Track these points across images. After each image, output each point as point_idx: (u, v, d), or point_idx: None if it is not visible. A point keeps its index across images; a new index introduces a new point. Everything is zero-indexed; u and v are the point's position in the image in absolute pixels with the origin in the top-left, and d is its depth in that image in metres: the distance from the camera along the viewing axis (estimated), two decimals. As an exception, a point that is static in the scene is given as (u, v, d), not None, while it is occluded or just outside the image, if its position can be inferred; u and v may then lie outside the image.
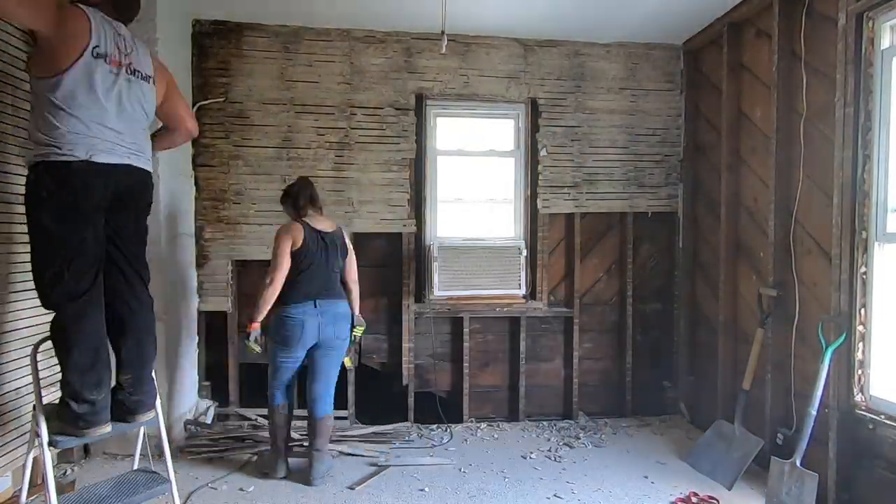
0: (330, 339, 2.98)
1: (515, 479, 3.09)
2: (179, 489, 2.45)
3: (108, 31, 2.10)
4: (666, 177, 4.13)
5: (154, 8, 3.13)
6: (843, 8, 2.61)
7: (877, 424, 2.47)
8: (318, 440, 2.98)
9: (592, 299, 4.13)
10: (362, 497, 2.85)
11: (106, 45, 2.08)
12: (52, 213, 2.01)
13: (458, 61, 3.91)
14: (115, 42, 2.12)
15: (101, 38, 2.06)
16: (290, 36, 3.77)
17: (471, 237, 3.98)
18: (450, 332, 4.02)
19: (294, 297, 2.90)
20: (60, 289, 2.03)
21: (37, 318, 2.50)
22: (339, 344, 3.04)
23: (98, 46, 2.04)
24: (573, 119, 4.02)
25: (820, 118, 2.84)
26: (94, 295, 2.10)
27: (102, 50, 2.06)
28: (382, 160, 3.87)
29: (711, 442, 3.27)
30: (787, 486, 2.64)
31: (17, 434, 2.42)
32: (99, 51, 2.05)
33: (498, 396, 4.08)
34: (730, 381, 3.47)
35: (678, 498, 2.86)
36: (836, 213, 2.65)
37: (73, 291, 2.04)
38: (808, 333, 2.89)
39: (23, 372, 2.43)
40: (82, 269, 2.05)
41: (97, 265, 2.11)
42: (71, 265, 2.02)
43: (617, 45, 4.04)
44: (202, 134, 3.69)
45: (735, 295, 3.52)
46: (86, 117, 2.03)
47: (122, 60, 2.14)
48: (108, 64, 2.09)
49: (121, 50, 2.15)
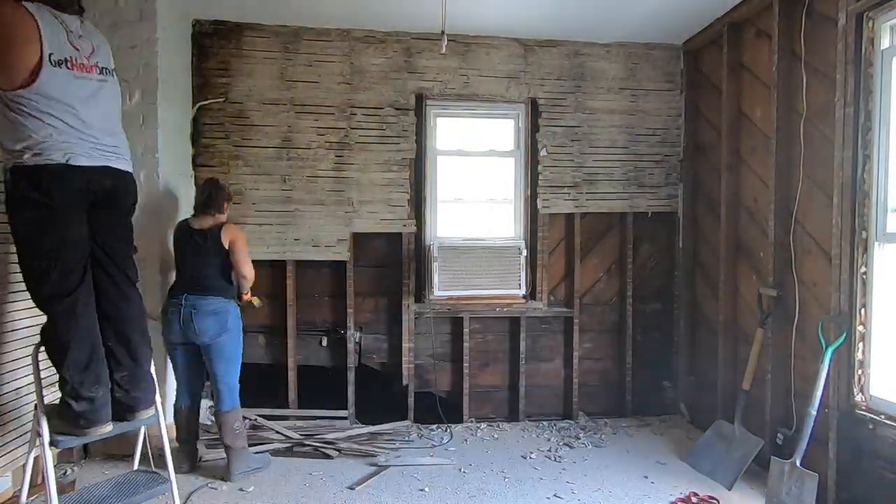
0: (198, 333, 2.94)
1: (515, 479, 3.09)
2: (179, 489, 2.45)
3: (59, 32, 2.01)
4: (666, 177, 4.13)
5: (154, 8, 3.13)
6: (843, 8, 2.61)
7: (877, 424, 2.47)
8: None
9: (592, 299, 4.13)
10: (362, 497, 2.85)
11: (61, 49, 1.99)
12: (30, 216, 2.01)
13: (458, 61, 3.91)
14: (69, 42, 2.03)
15: (53, 42, 1.97)
16: (290, 36, 3.77)
17: (471, 237, 3.98)
18: (450, 332, 4.02)
19: None
20: (47, 288, 2.04)
21: (37, 318, 2.49)
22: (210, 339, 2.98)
23: (53, 53, 1.97)
24: (573, 119, 4.02)
25: (820, 118, 2.84)
26: (83, 293, 2.10)
27: (59, 56, 1.99)
28: (382, 160, 3.87)
29: (711, 442, 3.27)
30: (787, 486, 2.64)
31: (17, 434, 2.42)
32: (56, 58, 1.98)
33: (498, 396, 4.08)
34: (730, 381, 3.47)
35: (678, 498, 2.86)
36: (836, 213, 2.65)
37: (60, 290, 2.04)
38: (808, 333, 2.89)
39: (23, 372, 2.43)
40: (67, 269, 2.06)
41: (82, 264, 2.11)
42: (55, 264, 2.03)
43: (617, 45, 4.04)
44: (202, 134, 3.70)
45: (735, 295, 3.52)
46: (58, 124, 2.01)
47: (85, 62, 2.07)
48: (70, 69, 2.02)
49: (80, 50, 2.06)
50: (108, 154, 2.16)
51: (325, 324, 3.92)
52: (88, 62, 2.11)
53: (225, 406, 2.99)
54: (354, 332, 3.88)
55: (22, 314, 2.44)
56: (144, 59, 3.14)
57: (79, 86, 2.06)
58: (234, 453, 2.98)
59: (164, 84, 3.22)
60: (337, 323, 3.90)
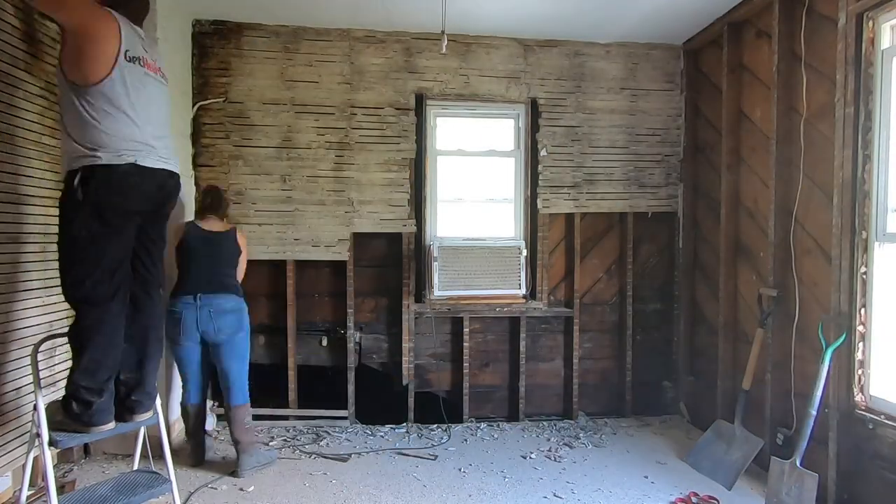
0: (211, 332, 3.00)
1: (515, 479, 3.09)
2: (179, 489, 2.45)
3: (133, 34, 2.13)
4: (666, 177, 4.13)
5: (154, 8, 3.12)
6: (843, 8, 2.61)
7: (877, 424, 2.47)
8: None
9: (592, 299, 4.13)
10: (362, 497, 2.85)
11: (135, 48, 2.10)
12: (88, 222, 2.02)
13: (458, 61, 3.91)
14: (140, 45, 2.15)
15: (130, 42, 2.08)
16: (290, 36, 3.77)
17: (471, 237, 3.98)
18: (450, 332, 4.02)
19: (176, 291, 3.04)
20: (80, 293, 2.06)
21: (37, 318, 2.50)
22: None
23: (129, 50, 2.07)
24: (573, 119, 4.02)
25: (820, 118, 2.84)
26: (116, 305, 2.12)
27: (133, 53, 2.09)
28: (382, 160, 3.87)
29: (711, 442, 3.27)
30: (787, 486, 2.64)
31: (17, 434, 2.42)
32: (131, 54, 2.08)
33: (498, 396, 4.08)
34: (730, 381, 3.47)
35: (678, 498, 2.86)
36: (836, 213, 2.65)
37: (92, 298, 2.06)
38: (808, 333, 2.89)
39: (23, 372, 2.43)
40: (103, 279, 2.07)
41: (121, 274, 2.13)
42: (93, 274, 2.05)
43: (617, 45, 4.04)
44: (202, 134, 3.71)
45: (735, 295, 3.52)
46: (127, 122, 2.06)
47: (152, 63, 2.18)
48: (141, 66, 2.11)
49: (148, 52, 2.19)
50: (166, 157, 2.23)
51: (325, 324, 3.92)
52: (154, 63, 2.22)
53: (236, 401, 3.05)
54: (354, 331, 3.88)
55: (22, 314, 2.44)
56: (144, 59, 3.14)
57: (148, 83, 2.16)
58: (244, 448, 3.02)
59: (164, 84, 3.21)
60: (337, 323, 3.90)
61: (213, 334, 2.98)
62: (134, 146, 2.07)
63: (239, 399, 3.06)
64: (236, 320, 3.03)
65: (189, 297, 2.96)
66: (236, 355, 3.06)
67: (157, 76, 2.24)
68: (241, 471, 2.99)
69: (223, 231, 3.11)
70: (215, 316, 2.96)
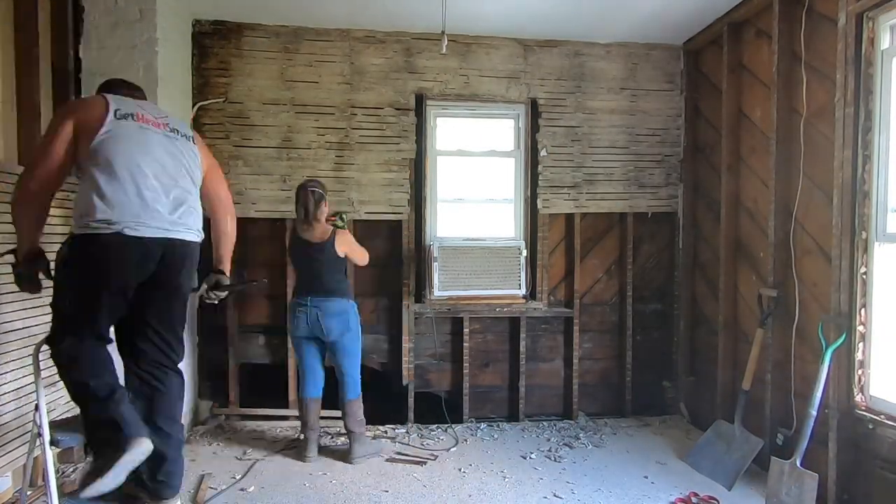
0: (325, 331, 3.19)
1: (515, 479, 3.09)
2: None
3: (129, 102, 2.07)
4: (666, 177, 4.13)
5: (154, 8, 3.13)
6: (843, 8, 2.61)
7: (877, 424, 2.47)
8: None
9: (592, 299, 4.13)
10: (362, 497, 2.85)
11: (127, 107, 2.03)
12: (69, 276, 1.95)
13: (458, 61, 3.91)
14: (138, 108, 2.07)
15: (120, 103, 2.03)
16: (290, 36, 3.77)
17: (471, 237, 3.98)
18: (450, 332, 4.02)
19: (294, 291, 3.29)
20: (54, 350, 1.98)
21: (37, 318, 2.50)
22: None
23: (119, 109, 2.00)
24: (573, 119, 4.02)
25: (820, 118, 2.84)
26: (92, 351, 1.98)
27: (125, 111, 2.01)
28: (382, 160, 3.87)
29: (711, 442, 3.27)
30: (787, 487, 2.64)
31: (17, 434, 2.42)
32: (121, 112, 2.00)
33: (498, 396, 4.08)
34: (730, 381, 3.47)
35: (678, 498, 2.86)
36: (836, 213, 2.65)
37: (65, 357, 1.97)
38: (808, 333, 2.89)
39: (23, 372, 2.43)
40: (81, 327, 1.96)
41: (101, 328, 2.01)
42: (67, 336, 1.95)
43: (617, 45, 4.04)
44: (202, 134, 3.70)
45: (735, 295, 3.52)
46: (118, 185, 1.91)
47: (151, 119, 2.07)
48: (135, 121, 2.01)
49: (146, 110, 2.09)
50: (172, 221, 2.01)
51: (326, 324, 3.91)
52: (156, 119, 2.09)
53: (350, 395, 3.25)
54: (354, 332, 3.88)
55: (22, 314, 2.44)
56: (144, 59, 3.13)
57: (143, 135, 2.01)
58: (356, 438, 3.24)
59: (164, 84, 3.21)
60: (337, 323, 3.90)
61: (323, 334, 3.18)
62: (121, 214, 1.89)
63: (352, 394, 3.25)
64: (343, 322, 3.20)
65: (303, 299, 3.19)
66: (347, 353, 3.25)
67: (158, 129, 2.08)
68: (353, 458, 3.21)
69: (319, 242, 3.16)
70: (323, 318, 3.16)
